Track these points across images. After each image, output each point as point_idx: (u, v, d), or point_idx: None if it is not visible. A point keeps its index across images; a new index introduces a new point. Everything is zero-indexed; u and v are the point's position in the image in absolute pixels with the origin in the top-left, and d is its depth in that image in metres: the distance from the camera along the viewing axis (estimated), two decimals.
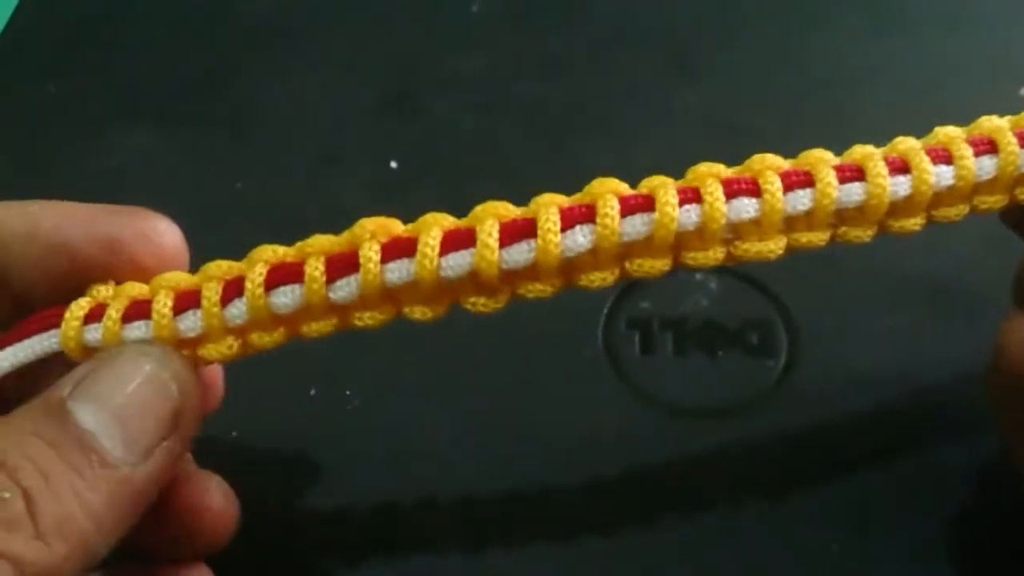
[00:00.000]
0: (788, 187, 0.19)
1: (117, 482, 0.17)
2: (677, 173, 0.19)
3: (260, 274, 0.19)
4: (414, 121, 0.34)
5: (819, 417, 0.27)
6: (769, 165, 0.19)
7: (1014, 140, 0.20)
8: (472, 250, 0.18)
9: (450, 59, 0.36)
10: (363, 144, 0.33)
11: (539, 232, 0.18)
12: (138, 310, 0.19)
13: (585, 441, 0.26)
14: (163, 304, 0.19)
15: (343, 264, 0.19)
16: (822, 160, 0.20)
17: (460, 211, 0.19)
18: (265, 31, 0.37)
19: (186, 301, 0.19)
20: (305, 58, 0.36)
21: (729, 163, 0.20)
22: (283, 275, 0.19)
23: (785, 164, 0.19)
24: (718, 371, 0.27)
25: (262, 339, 0.19)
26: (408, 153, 0.33)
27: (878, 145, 0.22)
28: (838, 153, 0.21)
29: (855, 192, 0.19)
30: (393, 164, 0.32)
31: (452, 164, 0.33)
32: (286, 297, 0.19)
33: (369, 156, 0.33)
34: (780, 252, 0.19)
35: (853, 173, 0.20)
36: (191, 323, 0.19)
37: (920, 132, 0.23)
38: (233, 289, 0.19)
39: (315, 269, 0.19)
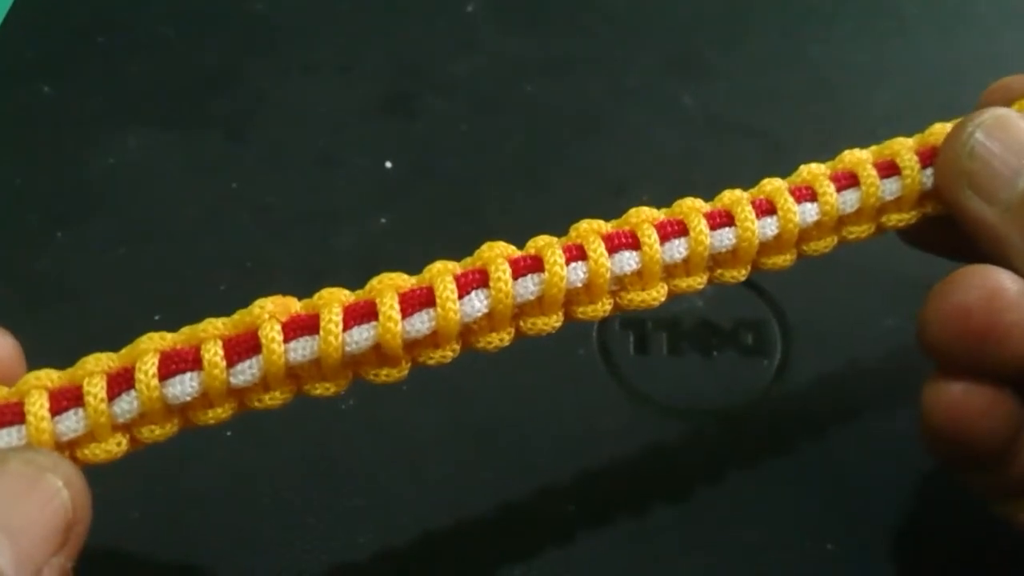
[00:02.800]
0: (664, 238, 0.20)
1: None
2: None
3: (152, 363, 0.18)
4: (411, 122, 0.34)
5: (813, 417, 0.27)
6: (645, 218, 0.20)
7: (873, 172, 0.21)
8: (374, 323, 0.18)
9: (447, 60, 0.36)
10: (360, 145, 0.33)
11: (438, 300, 0.19)
12: (1, 416, 0.18)
13: (579, 441, 0.26)
14: (38, 405, 0.18)
15: (243, 347, 0.18)
16: (693, 209, 0.20)
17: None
18: (263, 32, 0.37)
19: (62, 400, 0.18)
20: (302, 59, 0.36)
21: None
22: (177, 363, 0.18)
23: (660, 215, 0.20)
24: (712, 371, 0.27)
25: (153, 433, 0.18)
26: (405, 154, 0.33)
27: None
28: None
29: (727, 237, 0.20)
30: (388, 164, 0.32)
31: (450, 166, 0.33)
32: (183, 386, 0.18)
33: (366, 158, 0.33)
34: (663, 299, 0.20)
35: (723, 219, 0.20)
36: (72, 423, 0.18)
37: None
38: (119, 382, 0.18)
39: (214, 354, 0.18)
